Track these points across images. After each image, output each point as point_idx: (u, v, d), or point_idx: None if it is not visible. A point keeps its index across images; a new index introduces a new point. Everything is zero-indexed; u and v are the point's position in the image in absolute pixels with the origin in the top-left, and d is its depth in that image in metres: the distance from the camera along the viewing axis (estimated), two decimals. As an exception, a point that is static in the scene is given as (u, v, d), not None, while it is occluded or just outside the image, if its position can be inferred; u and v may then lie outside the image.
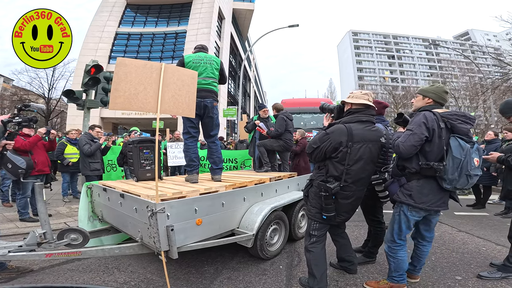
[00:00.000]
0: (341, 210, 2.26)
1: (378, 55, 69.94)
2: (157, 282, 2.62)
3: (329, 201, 2.15)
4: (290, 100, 11.94)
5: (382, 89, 41.12)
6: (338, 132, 2.18)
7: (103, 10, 23.24)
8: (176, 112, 2.37)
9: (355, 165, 2.17)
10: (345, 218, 2.36)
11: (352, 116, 2.28)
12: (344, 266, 2.73)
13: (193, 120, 3.40)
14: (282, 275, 2.76)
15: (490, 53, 16.89)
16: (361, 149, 2.17)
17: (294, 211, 3.56)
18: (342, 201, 2.22)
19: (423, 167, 2.09)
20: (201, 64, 3.36)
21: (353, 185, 2.21)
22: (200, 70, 3.32)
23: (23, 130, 4.56)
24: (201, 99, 3.29)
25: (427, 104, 2.24)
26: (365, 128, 2.23)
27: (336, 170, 2.19)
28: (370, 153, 2.22)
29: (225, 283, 2.60)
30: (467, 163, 1.98)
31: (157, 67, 2.29)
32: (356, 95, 2.34)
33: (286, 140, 4.65)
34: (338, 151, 2.16)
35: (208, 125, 3.57)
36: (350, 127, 2.18)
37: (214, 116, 3.53)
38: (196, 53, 3.45)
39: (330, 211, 2.18)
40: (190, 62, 3.32)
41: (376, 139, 2.26)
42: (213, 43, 21.68)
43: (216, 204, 2.63)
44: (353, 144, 2.14)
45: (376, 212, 2.97)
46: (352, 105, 2.32)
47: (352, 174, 2.18)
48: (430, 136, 2.06)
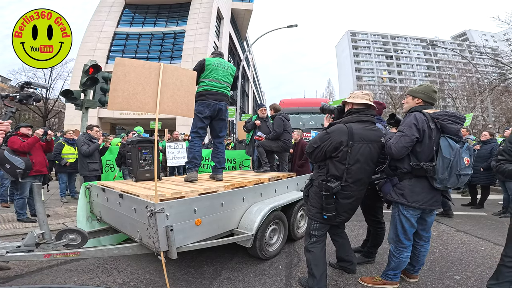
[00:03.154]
0: (342, 210, 2.26)
1: (376, 55, 70.11)
2: (156, 283, 2.61)
3: (330, 200, 2.16)
4: (289, 100, 11.94)
5: (380, 89, 41.21)
6: (339, 132, 2.19)
7: (101, 10, 23.15)
8: (175, 113, 2.37)
9: (356, 164, 2.18)
10: (345, 218, 2.35)
11: (353, 116, 2.29)
12: (343, 266, 2.74)
13: (205, 121, 3.50)
14: (281, 275, 2.77)
15: (488, 54, 16.97)
16: (362, 148, 2.18)
17: (293, 211, 3.56)
18: (343, 201, 2.23)
19: (414, 167, 2.13)
20: (220, 68, 3.49)
21: (353, 185, 2.21)
22: (218, 73, 3.46)
23: (21, 130, 4.55)
24: (217, 102, 3.43)
25: (417, 105, 2.27)
26: (366, 127, 2.24)
27: (336, 170, 2.20)
28: (370, 153, 2.23)
29: (224, 283, 2.59)
30: (456, 162, 2.00)
31: (155, 67, 2.28)
32: (357, 95, 2.35)
33: (284, 140, 4.66)
34: (338, 150, 2.17)
35: (219, 126, 3.69)
36: (350, 126, 2.19)
37: (226, 118, 3.67)
38: (215, 58, 3.57)
39: (331, 211, 2.18)
40: (210, 65, 3.43)
41: (376, 139, 2.27)
42: (211, 43, 21.65)
43: (215, 204, 2.62)
44: (354, 143, 2.15)
45: (376, 212, 2.97)
46: (353, 105, 2.34)
47: (352, 173, 2.18)
48: (420, 137, 2.10)
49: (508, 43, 17.85)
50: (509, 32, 14.92)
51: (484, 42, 20.63)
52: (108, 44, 21.67)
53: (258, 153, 4.68)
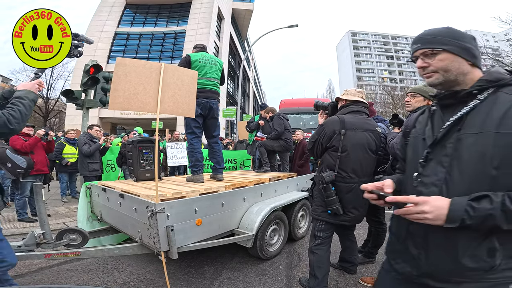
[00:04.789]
0: (350, 206, 2.22)
1: (377, 55, 70.04)
2: (156, 283, 2.61)
3: (329, 192, 2.16)
4: (289, 100, 11.94)
5: (381, 90, 41.21)
6: (331, 122, 2.27)
7: (102, 9, 23.17)
8: (176, 112, 2.36)
9: (351, 152, 2.20)
10: (355, 216, 2.26)
11: (345, 109, 2.38)
12: (345, 266, 2.74)
13: (198, 120, 3.39)
14: (282, 275, 2.77)
15: (488, 54, 16.93)
16: (356, 135, 2.22)
17: (294, 211, 3.56)
18: (346, 195, 2.20)
19: None
20: (207, 64, 3.33)
21: (353, 175, 2.20)
22: (206, 70, 3.31)
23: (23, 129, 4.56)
24: (207, 100, 3.31)
25: (425, 105, 2.27)
26: (357, 117, 2.30)
27: (332, 159, 2.24)
28: (366, 140, 2.25)
29: (225, 283, 2.60)
30: None
31: (156, 67, 2.28)
32: (350, 92, 2.43)
33: (286, 139, 4.66)
34: (332, 139, 2.22)
35: (212, 125, 3.57)
36: (342, 117, 2.27)
37: (218, 117, 3.55)
38: (200, 53, 3.40)
39: (333, 204, 2.16)
40: (197, 61, 3.27)
41: (371, 128, 2.31)
42: (212, 43, 21.65)
43: (215, 204, 2.62)
44: (346, 131, 2.20)
45: (378, 213, 2.97)
46: (346, 101, 2.41)
47: (348, 161, 2.19)
48: None
49: (509, 43, 17.81)
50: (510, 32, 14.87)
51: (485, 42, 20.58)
52: (109, 44, 21.68)
53: (259, 152, 4.69)
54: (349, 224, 2.38)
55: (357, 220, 2.34)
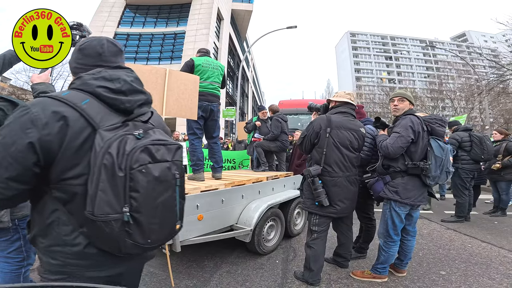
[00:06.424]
0: (335, 198, 2.40)
1: (375, 56, 70.25)
2: (160, 276, 2.76)
3: (317, 185, 2.35)
4: (288, 101, 12.05)
5: (379, 90, 41.35)
6: (319, 120, 2.47)
7: (102, 10, 23.26)
8: (179, 115, 2.52)
9: (335, 148, 2.39)
10: (341, 208, 2.42)
11: (333, 109, 2.57)
12: (338, 260, 2.90)
13: (200, 122, 3.52)
14: (278, 269, 2.92)
15: (487, 54, 17.09)
16: (340, 134, 2.41)
17: (290, 208, 3.72)
18: (333, 188, 2.39)
19: (410, 166, 2.33)
20: (210, 68, 3.46)
21: (337, 169, 2.39)
22: (208, 75, 3.44)
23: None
24: (208, 103, 3.44)
25: (410, 109, 2.49)
26: (343, 117, 2.49)
27: (318, 154, 2.44)
28: (349, 138, 2.44)
29: (224, 276, 2.75)
30: (447, 161, 2.26)
31: (161, 73, 2.44)
32: (340, 94, 2.63)
33: (282, 141, 4.83)
34: (318, 135, 2.42)
35: (212, 127, 3.71)
36: (330, 116, 2.47)
37: (218, 119, 3.70)
38: (203, 57, 3.52)
39: (319, 196, 2.34)
40: (200, 66, 3.38)
41: (354, 128, 2.50)
42: (211, 44, 21.77)
43: (216, 200, 2.77)
44: (332, 129, 2.39)
45: (367, 209, 3.14)
46: (336, 103, 2.60)
47: (332, 157, 2.38)
48: (415, 138, 2.30)
49: (507, 45, 17.99)
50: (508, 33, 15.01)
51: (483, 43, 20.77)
52: (109, 44, 21.75)
53: (257, 153, 4.85)
54: (336, 216, 2.52)
55: (344, 212, 2.50)
